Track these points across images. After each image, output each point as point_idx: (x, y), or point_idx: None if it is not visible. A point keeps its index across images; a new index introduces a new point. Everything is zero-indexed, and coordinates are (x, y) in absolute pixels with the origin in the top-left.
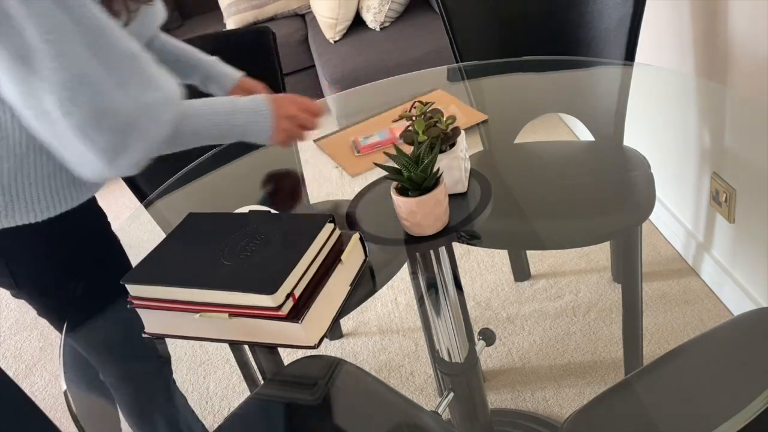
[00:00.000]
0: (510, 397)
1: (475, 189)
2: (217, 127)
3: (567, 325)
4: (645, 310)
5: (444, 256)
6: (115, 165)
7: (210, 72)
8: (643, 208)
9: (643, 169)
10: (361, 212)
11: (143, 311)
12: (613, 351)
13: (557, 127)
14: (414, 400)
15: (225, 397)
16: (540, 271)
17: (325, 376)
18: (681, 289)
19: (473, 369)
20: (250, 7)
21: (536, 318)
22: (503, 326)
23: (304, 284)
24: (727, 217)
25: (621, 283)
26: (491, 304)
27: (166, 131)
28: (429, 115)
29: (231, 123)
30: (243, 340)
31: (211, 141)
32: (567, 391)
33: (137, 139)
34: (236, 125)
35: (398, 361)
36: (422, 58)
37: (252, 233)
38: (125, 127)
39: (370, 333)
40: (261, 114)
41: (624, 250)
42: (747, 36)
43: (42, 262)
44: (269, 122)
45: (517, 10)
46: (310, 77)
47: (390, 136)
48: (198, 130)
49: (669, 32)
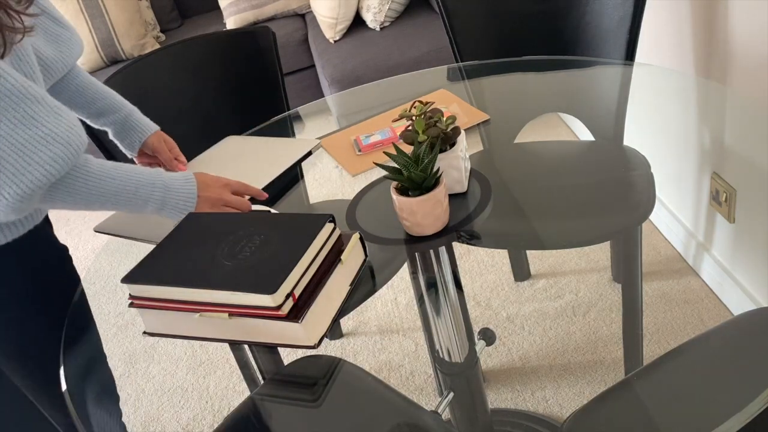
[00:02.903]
0: (510, 397)
1: (475, 189)
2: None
3: (567, 325)
4: (645, 310)
5: (444, 256)
6: None
7: (130, 117)
8: (643, 208)
9: (643, 169)
10: (361, 212)
11: (143, 311)
12: (613, 351)
13: (557, 127)
14: (414, 400)
15: (225, 397)
16: (540, 271)
17: (325, 376)
18: (681, 289)
19: (473, 369)
20: (250, 7)
21: (536, 318)
22: (503, 326)
23: (303, 284)
24: (727, 217)
25: (621, 283)
26: (491, 304)
27: (46, 174)
28: (429, 115)
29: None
30: (243, 340)
31: (117, 208)
32: (567, 391)
33: (7, 181)
34: (154, 199)
35: (398, 361)
36: (422, 58)
37: (252, 233)
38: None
39: (370, 333)
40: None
41: (624, 250)
42: (747, 36)
43: None
44: (193, 204)
45: (517, 10)
46: (310, 77)
47: (392, 135)
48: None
49: (669, 32)
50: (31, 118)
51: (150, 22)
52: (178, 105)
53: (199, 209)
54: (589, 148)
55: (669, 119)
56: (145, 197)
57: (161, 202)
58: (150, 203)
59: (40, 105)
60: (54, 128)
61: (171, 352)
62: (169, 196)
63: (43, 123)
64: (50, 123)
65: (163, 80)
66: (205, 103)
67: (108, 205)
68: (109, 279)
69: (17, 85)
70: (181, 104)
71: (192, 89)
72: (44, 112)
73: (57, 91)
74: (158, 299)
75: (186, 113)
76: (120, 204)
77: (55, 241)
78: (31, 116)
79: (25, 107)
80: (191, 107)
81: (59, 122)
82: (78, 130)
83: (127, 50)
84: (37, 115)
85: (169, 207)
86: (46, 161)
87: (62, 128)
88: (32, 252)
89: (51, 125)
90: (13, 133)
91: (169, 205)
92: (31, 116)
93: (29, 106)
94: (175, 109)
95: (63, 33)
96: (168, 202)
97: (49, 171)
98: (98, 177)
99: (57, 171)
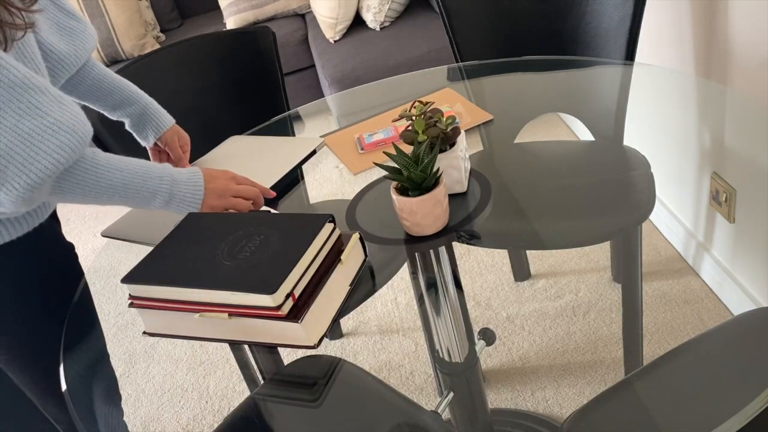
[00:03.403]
0: (510, 397)
1: (474, 189)
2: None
3: (567, 325)
4: (645, 310)
5: (444, 256)
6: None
7: (147, 109)
8: (643, 208)
9: (643, 169)
10: (361, 212)
11: (143, 311)
12: (613, 351)
13: (557, 127)
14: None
15: (225, 397)
16: (540, 271)
17: (325, 376)
18: (681, 289)
19: (473, 369)
20: (250, 7)
21: (536, 318)
22: (503, 326)
23: (303, 284)
24: (727, 217)
25: (621, 283)
26: (491, 304)
27: (54, 163)
28: (429, 115)
29: (155, 186)
30: (243, 340)
31: (126, 201)
32: (567, 391)
33: (16, 171)
34: (162, 192)
35: (398, 360)
36: (422, 58)
37: (252, 233)
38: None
39: (370, 333)
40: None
41: (624, 250)
42: (747, 36)
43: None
44: (201, 196)
45: (517, 10)
46: (310, 77)
47: (394, 134)
48: (115, 185)
49: (669, 32)
50: (36, 108)
51: (150, 22)
52: (178, 105)
53: (207, 201)
54: (589, 148)
55: (669, 119)
56: (153, 189)
57: (169, 195)
58: (158, 196)
59: (44, 95)
60: (59, 117)
61: (171, 352)
62: (177, 189)
63: (47, 112)
64: (55, 112)
65: (163, 80)
66: (205, 103)
67: (116, 197)
68: (109, 279)
69: (20, 75)
70: (180, 104)
71: (192, 89)
72: (48, 102)
73: (73, 85)
74: (158, 299)
75: (186, 113)
76: (128, 197)
77: (62, 239)
78: (36, 106)
79: (30, 97)
80: (191, 107)
81: (63, 111)
82: (83, 118)
83: (127, 50)
84: (42, 105)
85: (176, 200)
86: (54, 150)
87: (67, 117)
88: (39, 249)
89: (56, 114)
90: (19, 123)
91: (177, 198)
92: (36, 106)
93: (33, 96)
94: (174, 109)
95: (76, 26)
96: (176, 195)
97: (57, 159)
98: (107, 168)
99: (66, 159)
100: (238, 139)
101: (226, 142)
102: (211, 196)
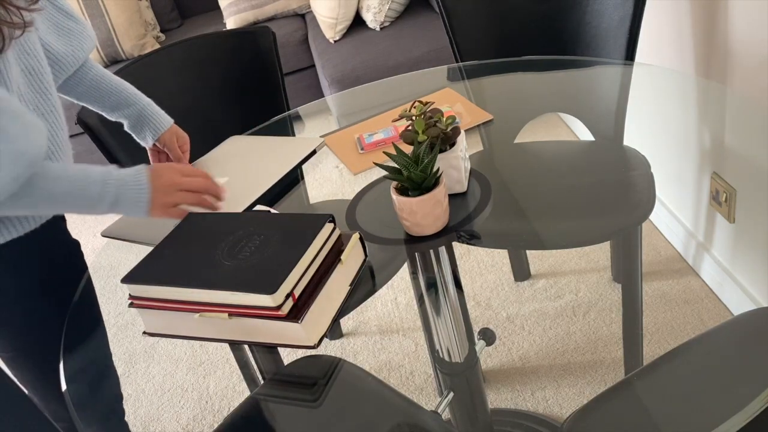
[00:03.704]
0: (510, 397)
1: (474, 189)
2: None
3: (567, 325)
4: (645, 310)
5: (444, 256)
6: None
7: (145, 110)
8: (643, 208)
9: (643, 168)
10: (361, 212)
11: (143, 311)
12: (613, 351)
13: (557, 127)
14: (414, 400)
15: (225, 397)
16: (540, 271)
17: (325, 376)
18: (681, 289)
19: (473, 369)
20: (250, 7)
21: (536, 318)
22: (503, 326)
23: (303, 284)
24: (727, 217)
25: (621, 283)
26: (491, 304)
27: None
28: (429, 115)
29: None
30: (243, 340)
31: (68, 209)
32: (567, 391)
33: None
34: (106, 195)
35: (398, 361)
36: (422, 58)
37: (252, 233)
38: None
39: (370, 333)
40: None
41: (624, 250)
42: (747, 36)
43: None
44: (146, 195)
45: (518, 10)
46: (310, 77)
47: (394, 134)
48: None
49: (669, 32)
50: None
51: (150, 22)
52: (178, 105)
53: (155, 200)
54: (589, 148)
55: (669, 119)
56: (97, 194)
57: (114, 197)
58: (103, 200)
59: (14, 120)
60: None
61: (171, 352)
62: (121, 191)
63: (13, 139)
64: (20, 139)
65: (163, 80)
66: (205, 103)
67: (58, 206)
68: (109, 279)
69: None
70: (180, 104)
71: (192, 89)
72: (15, 126)
73: (71, 86)
74: (158, 299)
75: (185, 113)
76: (69, 205)
77: (68, 235)
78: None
79: None
80: (191, 107)
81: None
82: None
83: (127, 50)
84: (8, 129)
85: (122, 202)
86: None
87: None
88: (44, 246)
89: (21, 142)
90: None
91: (122, 200)
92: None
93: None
94: (174, 109)
95: (74, 27)
96: (120, 197)
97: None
98: (43, 178)
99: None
100: (238, 139)
101: (226, 142)
102: (157, 194)
